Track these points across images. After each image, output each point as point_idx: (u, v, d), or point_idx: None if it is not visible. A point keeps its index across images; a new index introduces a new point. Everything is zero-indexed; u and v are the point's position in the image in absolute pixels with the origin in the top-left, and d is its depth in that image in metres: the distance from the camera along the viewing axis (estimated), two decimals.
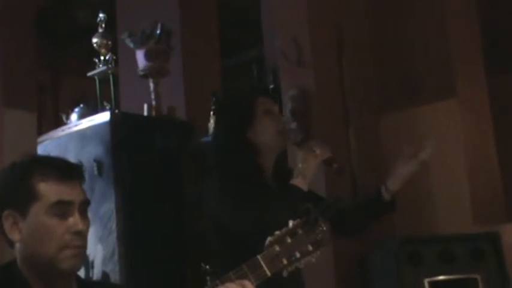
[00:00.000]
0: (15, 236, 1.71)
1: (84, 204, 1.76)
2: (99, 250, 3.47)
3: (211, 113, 3.82)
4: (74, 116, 3.87)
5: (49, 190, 1.70)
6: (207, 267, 3.54)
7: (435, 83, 3.69)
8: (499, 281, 3.21)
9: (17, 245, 1.72)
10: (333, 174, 2.48)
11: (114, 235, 3.45)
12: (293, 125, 3.52)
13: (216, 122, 2.66)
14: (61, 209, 1.70)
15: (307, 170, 2.36)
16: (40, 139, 3.88)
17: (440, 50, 3.69)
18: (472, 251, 3.24)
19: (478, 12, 3.86)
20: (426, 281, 3.15)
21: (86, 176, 1.85)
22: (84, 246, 1.74)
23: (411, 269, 3.18)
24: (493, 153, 3.79)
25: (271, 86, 3.79)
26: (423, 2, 3.77)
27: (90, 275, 3.45)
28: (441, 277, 3.18)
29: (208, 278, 3.55)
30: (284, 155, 2.53)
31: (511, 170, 4.03)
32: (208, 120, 3.80)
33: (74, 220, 1.71)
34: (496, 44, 4.35)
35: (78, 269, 1.79)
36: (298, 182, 2.35)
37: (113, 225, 3.46)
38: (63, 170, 1.74)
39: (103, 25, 3.94)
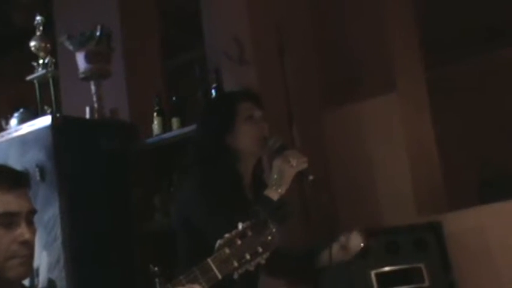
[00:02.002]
0: None
1: (31, 214, 1.74)
2: (44, 257, 3.42)
3: (155, 113, 3.80)
4: (13, 121, 3.79)
5: None
6: (156, 269, 3.53)
7: (375, 78, 3.75)
8: (441, 269, 3.31)
9: None
10: (307, 185, 2.43)
11: (59, 241, 3.41)
12: None
13: (198, 125, 2.58)
14: (7, 219, 1.68)
15: (281, 181, 2.29)
16: None
17: (379, 45, 3.76)
18: (416, 241, 3.32)
19: (414, 8, 3.95)
20: (372, 273, 3.22)
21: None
22: (31, 255, 1.72)
23: (357, 261, 3.23)
24: (433, 144, 3.89)
25: (214, 85, 3.79)
26: None
27: (36, 282, 3.40)
28: (387, 268, 3.25)
29: (156, 280, 3.56)
30: (260, 166, 2.48)
31: (450, 160, 4.14)
32: (152, 121, 3.78)
33: (21, 230, 1.69)
34: (433, 38, 4.45)
35: (26, 277, 1.77)
36: (272, 193, 2.29)
37: (58, 231, 3.41)
38: (10, 178, 1.72)
39: (41, 28, 3.86)
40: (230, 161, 2.36)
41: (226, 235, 1.61)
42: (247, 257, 1.61)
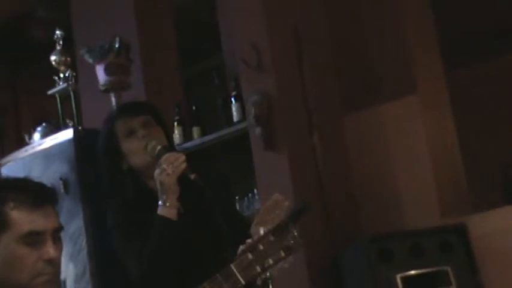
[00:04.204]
0: None
1: (57, 231, 1.73)
2: (70, 269, 3.44)
3: (175, 123, 3.82)
4: (36, 136, 3.82)
5: (21, 219, 1.67)
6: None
7: (395, 81, 3.74)
8: (468, 272, 3.27)
9: None
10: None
11: (85, 252, 3.42)
12: (257, 131, 3.53)
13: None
14: (33, 238, 1.67)
15: (165, 193, 2.12)
16: (3, 161, 3.84)
17: (399, 48, 3.74)
18: (441, 244, 3.29)
19: (433, 9, 3.93)
20: (398, 277, 3.19)
21: None
22: (57, 272, 1.72)
23: (383, 265, 3.22)
24: (456, 146, 3.85)
25: (233, 93, 3.80)
26: (379, 1, 3.82)
27: None
28: (413, 272, 3.22)
29: None
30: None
31: (473, 162, 4.11)
32: (173, 131, 3.79)
33: (47, 248, 1.68)
34: (453, 39, 4.42)
35: None
36: (162, 210, 2.14)
37: (83, 242, 3.43)
38: (36, 196, 1.70)
39: (60, 42, 3.90)
40: (136, 182, 2.26)
41: (249, 240, 1.61)
42: (270, 261, 1.60)
